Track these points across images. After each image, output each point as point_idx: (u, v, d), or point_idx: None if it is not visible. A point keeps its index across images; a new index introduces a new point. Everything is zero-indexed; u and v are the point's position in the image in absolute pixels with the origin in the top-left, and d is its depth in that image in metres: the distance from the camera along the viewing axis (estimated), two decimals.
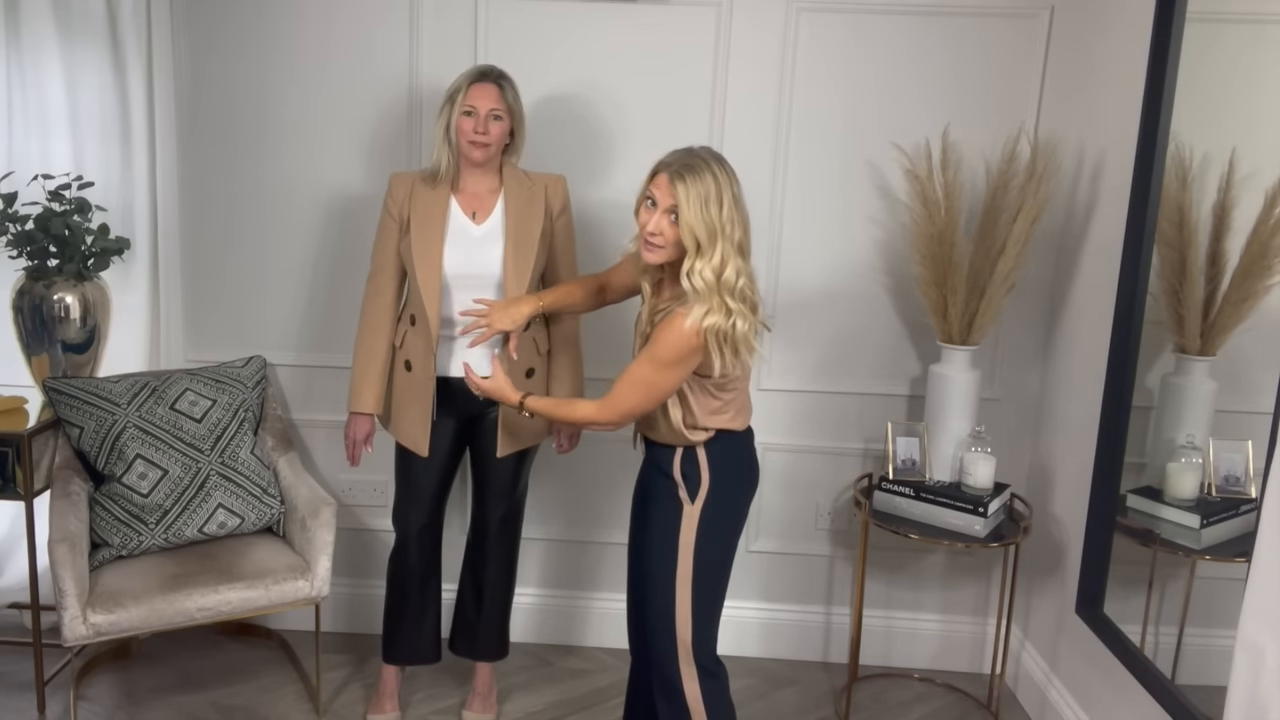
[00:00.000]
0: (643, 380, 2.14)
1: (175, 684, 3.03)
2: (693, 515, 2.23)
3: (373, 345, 2.68)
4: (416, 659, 2.90)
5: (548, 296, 2.51)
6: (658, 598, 2.26)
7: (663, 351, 2.10)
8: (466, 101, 2.52)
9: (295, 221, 3.11)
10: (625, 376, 2.16)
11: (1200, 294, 2.34)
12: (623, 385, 2.16)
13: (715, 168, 2.07)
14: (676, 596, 2.24)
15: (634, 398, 2.16)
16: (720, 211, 2.05)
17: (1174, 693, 2.26)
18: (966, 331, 2.89)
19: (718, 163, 2.08)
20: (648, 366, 2.13)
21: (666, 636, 2.26)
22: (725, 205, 2.05)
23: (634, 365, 2.16)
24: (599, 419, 2.22)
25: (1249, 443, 2.22)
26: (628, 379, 2.16)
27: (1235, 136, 2.28)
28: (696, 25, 2.97)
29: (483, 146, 2.55)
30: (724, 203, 2.05)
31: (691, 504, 2.23)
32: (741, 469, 2.31)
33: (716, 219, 2.05)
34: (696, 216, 2.04)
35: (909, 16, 2.94)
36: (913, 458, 2.96)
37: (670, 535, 2.24)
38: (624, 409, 2.18)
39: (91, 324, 2.97)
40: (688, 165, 2.06)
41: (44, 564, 2.78)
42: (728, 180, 2.07)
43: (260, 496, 2.89)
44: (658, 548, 2.27)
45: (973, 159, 2.96)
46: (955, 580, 3.27)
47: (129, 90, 3.02)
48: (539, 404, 2.33)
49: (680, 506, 2.24)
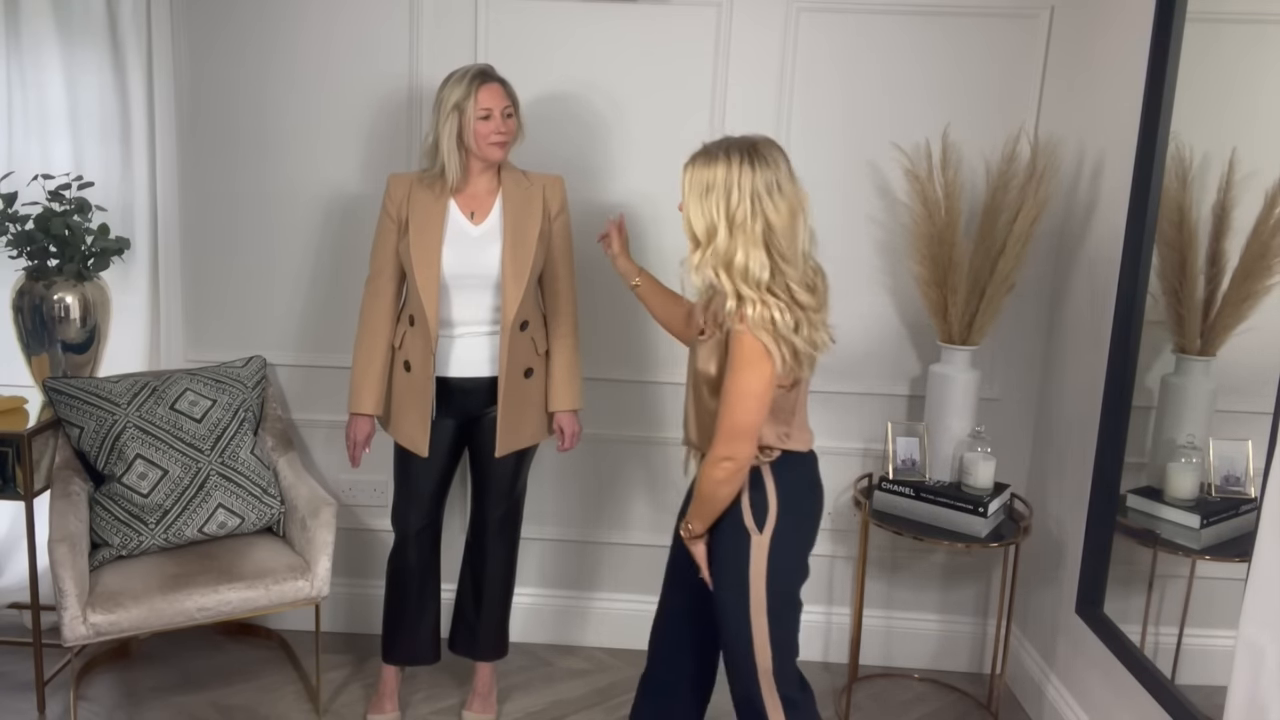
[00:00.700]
0: (737, 391, 1.97)
1: (175, 684, 3.03)
2: (762, 545, 2.08)
3: (372, 346, 2.68)
4: (416, 659, 2.90)
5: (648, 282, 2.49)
6: (733, 630, 2.12)
7: (736, 358, 1.97)
8: (480, 106, 2.51)
9: (296, 221, 3.11)
10: (722, 395, 2.01)
11: (1200, 294, 2.34)
12: (722, 405, 2.01)
13: (734, 156, 1.95)
14: (753, 628, 2.10)
15: (735, 413, 1.99)
16: (726, 202, 1.93)
17: (1174, 693, 2.26)
18: (966, 331, 2.89)
19: (743, 151, 1.95)
20: (733, 373, 1.98)
21: (747, 668, 2.13)
22: (734, 195, 1.93)
23: (727, 378, 2.00)
24: (728, 453, 2.01)
25: (1249, 443, 2.22)
26: (724, 396, 2.00)
27: (1235, 136, 2.28)
28: (696, 25, 2.97)
29: (503, 145, 2.56)
30: (732, 193, 1.93)
31: (760, 533, 2.08)
32: (810, 493, 2.19)
33: (718, 210, 1.94)
34: (695, 207, 1.97)
35: (909, 16, 2.94)
36: (913, 458, 2.96)
37: (740, 567, 2.09)
38: (739, 427, 1.99)
39: (91, 324, 2.97)
40: (703, 152, 1.99)
41: (44, 564, 2.77)
42: (745, 169, 1.94)
43: (260, 496, 2.89)
44: (728, 580, 2.12)
45: (973, 159, 2.96)
46: (955, 580, 3.27)
47: (129, 90, 3.02)
48: (699, 520, 2.13)
49: (748, 537, 2.09)
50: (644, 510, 3.26)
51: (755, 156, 1.96)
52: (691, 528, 2.15)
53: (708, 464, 2.06)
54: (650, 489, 3.24)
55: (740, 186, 1.94)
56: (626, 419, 3.20)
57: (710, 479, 2.06)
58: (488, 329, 2.65)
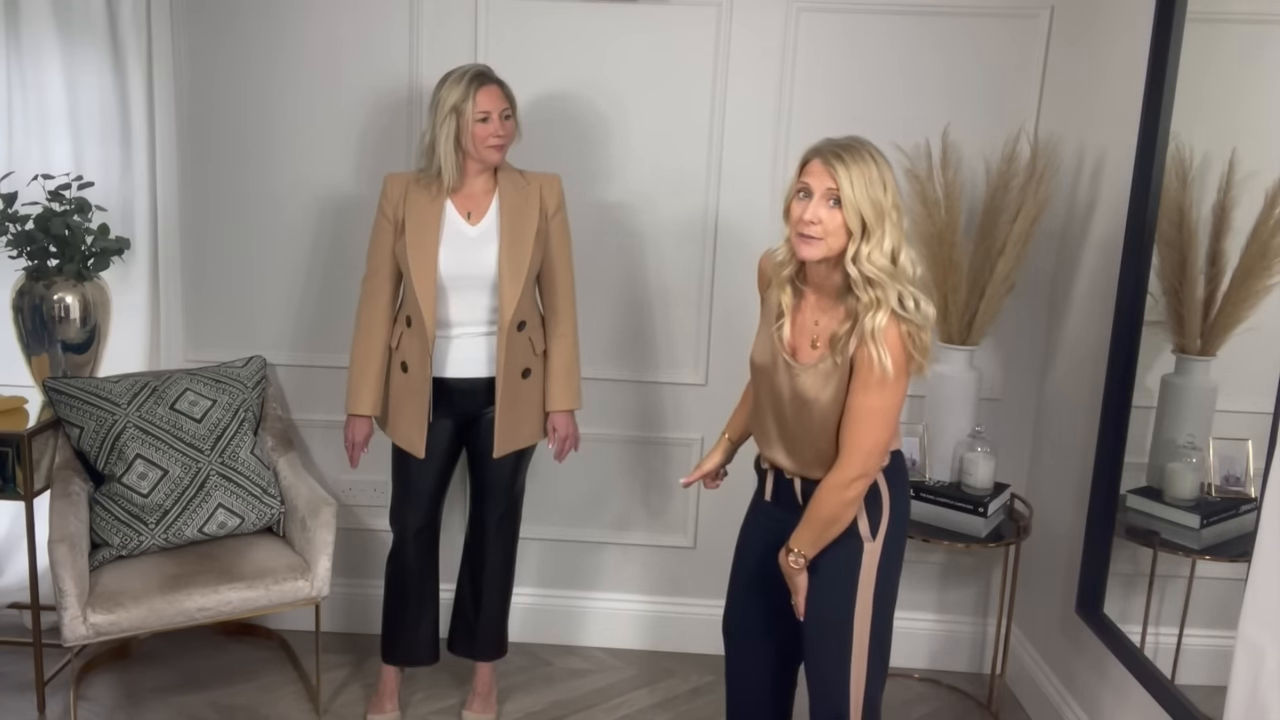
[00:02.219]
0: (880, 408, 1.90)
1: (175, 684, 3.03)
2: (874, 551, 2.00)
3: (369, 347, 2.68)
4: (415, 660, 2.90)
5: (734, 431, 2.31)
6: (833, 649, 2.03)
7: (890, 365, 1.87)
8: (479, 109, 2.51)
9: (295, 221, 3.11)
10: (855, 416, 1.92)
11: (1200, 294, 2.34)
12: (859, 426, 1.91)
13: (873, 150, 1.91)
14: (855, 640, 2.02)
15: (876, 430, 1.91)
16: (885, 194, 1.87)
17: (1174, 693, 2.26)
18: (966, 331, 2.89)
19: (874, 148, 1.92)
20: (877, 391, 1.89)
21: (840, 690, 2.03)
22: (890, 189, 1.88)
23: (860, 398, 1.91)
24: (863, 471, 1.93)
25: (1249, 443, 2.22)
26: (861, 417, 1.91)
27: (1235, 136, 2.28)
28: (696, 25, 2.97)
29: (500, 148, 2.56)
30: (888, 185, 1.88)
31: (874, 539, 2.00)
32: (908, 490, 2.11)
33: (882, 199, 1.86)
34: (862, 195, 1.85)
35: (909, 16, 2.93)
36: (913, 458, 2.95)
37: (849, 579, 2.01)
38: (879, 444, 1.93)
39: (91, 324, 2.97)
40: (844, 147, 1.90)
41: (44, 564, 2.77)
42: (887, 165, 1.91)
43: (260, 496, 2.89)
44: (833, 595, 2.02)
45: (973, 159, 2.96)
46: (955, 580, 3.27)
47: (129, 90, 3.02)
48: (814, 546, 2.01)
49: (860, 545, 2.00)
50: (644, 510, 3.26)
51: (880, 152, 1.93)
52: (805, 554, 2.01)
53: (836, 488, 1.95)
54: (650, 489, 3.24)
55: (889, 178, 1.89)
56: (626, 419, 3.20)
57: (841, 502, 1.95)
58: (485, 329, 2.65)
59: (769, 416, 2.07)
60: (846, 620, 2.02)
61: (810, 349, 1.99)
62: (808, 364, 1.98)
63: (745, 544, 2.24)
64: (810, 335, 2.00)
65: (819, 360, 1.97)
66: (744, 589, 2.25)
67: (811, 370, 1.98)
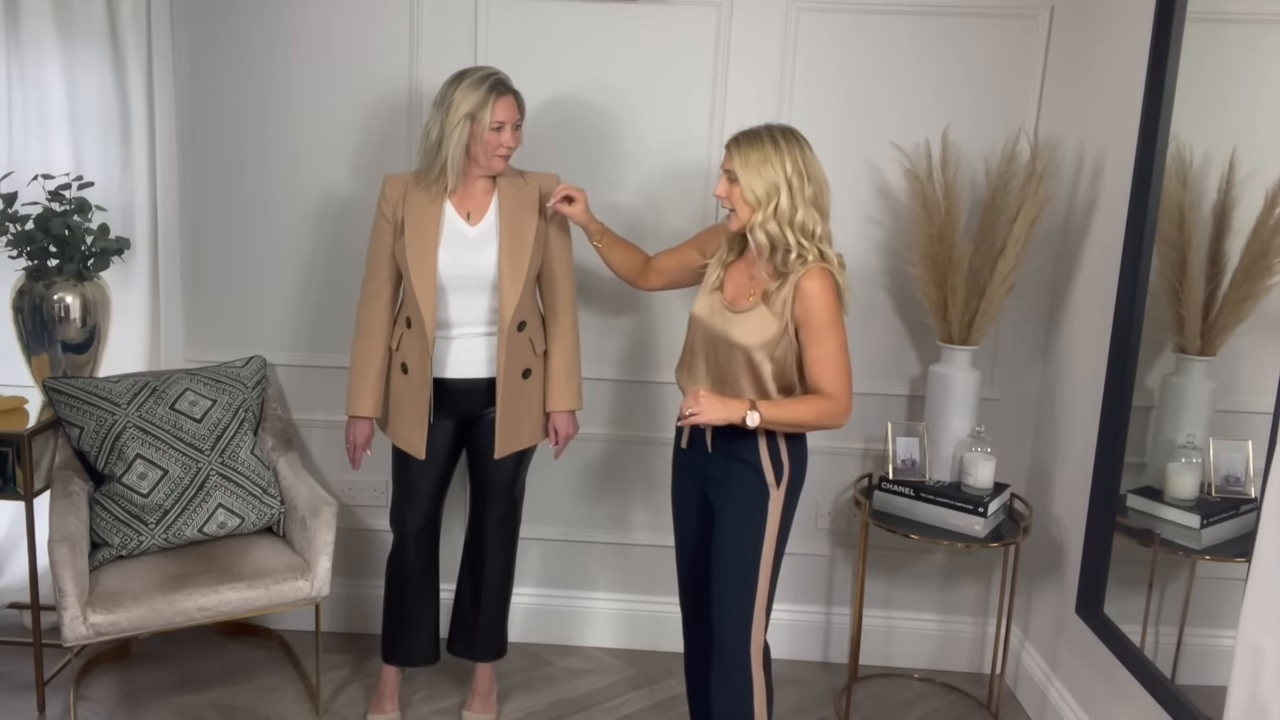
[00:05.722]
0: (835, 349, 2.20)
1: (175, 684, 3.03)
2: (778, 499, 2.30)
3: (369, 349, 2.68)
4: (415, 660, 2.90)
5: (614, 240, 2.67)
6: (742, 585, 2.31)
7: (831, 311, 2.18)
8: (495, 119, 2.50)
9: (295, 221, 3.11)
10: (821, 359, 2.20)
11: (1200, 294, 2.34)
12: (829, 367, 2.20)
13: (776, 135, 2.20)
14: (759, 581, 2.30)
15: (843, 368, 2.21)
16: (780, 170, 2.17)
17: (1174, 693, 2.26)
18: (966, 331, 2.89)
19: (781, 133, 2.21)
20: (831, 336, 2.19)
21: (742, 622, 2.32)
22: (787, 165, 2.17)
23: (819, 346, 2.19)
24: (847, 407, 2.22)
25: (1249, 443, 2.22)
26: (828, 358, 2.20)
27: (1235, 136, 2.28)
28: (696, 25, 2.97)
29: (507, 158, 2.57)
30: (785, 163, 2.17)
31: (778, 488, 2.29)
32: (806, 460, 2.37)
33: (776, 176, 2.17)
34: (753, 172, 2.18)
35: (909, 16, 2.93)
36: (913, 458, 2.96)
37: (758, 521, 2.29)
38: (847, 381, 2.22)
39: (91, 324, 2.97)
40: (744, 133, 2.23)
41: (44, 564, 2.78)
42: (790, 146, 2.19)
43: (260, 496, 2.89)
44: (745, 535, 2.30)
45: (972, 159, 2.96)
46: (955, 580, 3.27)
47: (129, 90, 3.02)
48: (772, 409, 2.22)
49: (767, 492, 2.29)
50: (643, 510, 3.26)
51: (791, 134, 2.23)
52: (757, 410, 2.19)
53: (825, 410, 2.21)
54: (650, 489, 3.24)
55: (790, 156, 2.19)
56: (626, 419, 3.20)
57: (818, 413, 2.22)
58: (485, 330, 2.65)
59: (700, 359, 2.36)
60: (754, 560, 2.30)
61: (746, 299, 2.29)
62: (742, 309, 2.27)
63: (678, 502, 2.49)
64: (746, 290, 2.30)
65: (751, 307, 2.26)
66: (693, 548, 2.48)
67: (744, 315, 2.27)
